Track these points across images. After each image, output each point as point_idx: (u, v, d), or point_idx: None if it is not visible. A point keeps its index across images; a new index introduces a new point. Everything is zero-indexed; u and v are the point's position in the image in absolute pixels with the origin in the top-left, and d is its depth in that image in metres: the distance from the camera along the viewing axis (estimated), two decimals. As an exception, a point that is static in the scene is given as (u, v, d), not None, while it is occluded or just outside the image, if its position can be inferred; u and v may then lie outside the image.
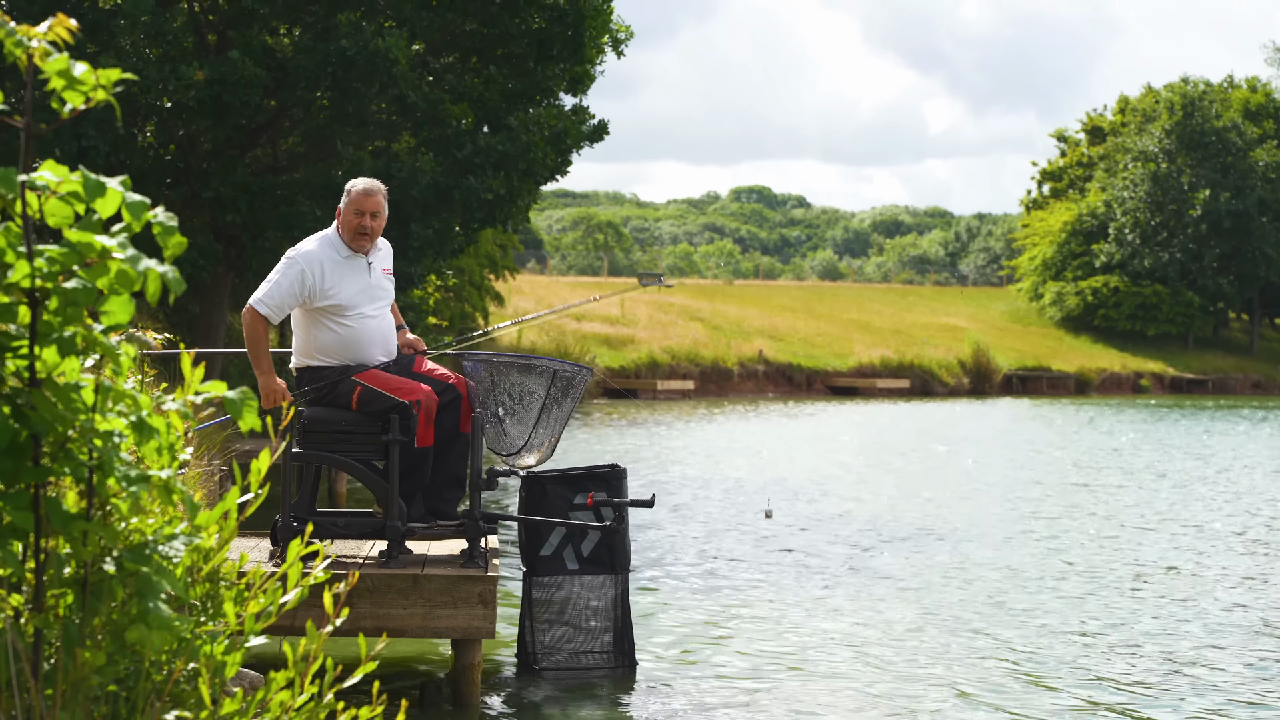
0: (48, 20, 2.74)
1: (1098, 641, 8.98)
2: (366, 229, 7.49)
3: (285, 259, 7.46)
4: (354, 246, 7.50)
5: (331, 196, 19.00)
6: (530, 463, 7.60)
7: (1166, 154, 71.19)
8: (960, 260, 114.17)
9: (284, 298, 7.37)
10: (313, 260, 7.41)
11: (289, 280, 7.37)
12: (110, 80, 2.69)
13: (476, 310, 37.47)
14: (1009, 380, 54.28)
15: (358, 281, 7.50)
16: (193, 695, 3.13)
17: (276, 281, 7.39)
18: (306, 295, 7.38)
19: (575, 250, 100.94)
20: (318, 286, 7.38)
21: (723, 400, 43.25)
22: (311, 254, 7.44)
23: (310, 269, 7.38)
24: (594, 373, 7.75)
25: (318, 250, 7.47)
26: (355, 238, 7.49)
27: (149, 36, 18.11)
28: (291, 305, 7.41)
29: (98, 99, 2.68)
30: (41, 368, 2.74)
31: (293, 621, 6.14)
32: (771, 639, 8.92)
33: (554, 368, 7.57)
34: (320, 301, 7.40)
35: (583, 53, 20.04)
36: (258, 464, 3.33)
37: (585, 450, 22.82)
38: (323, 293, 7.39)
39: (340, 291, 7.42)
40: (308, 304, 7.42)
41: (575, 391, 7.55)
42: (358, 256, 7.53)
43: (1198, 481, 19.71)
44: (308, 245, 7.52)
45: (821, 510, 15.65)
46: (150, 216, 2.71)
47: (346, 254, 7.49)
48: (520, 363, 7.57)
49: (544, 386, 7.47)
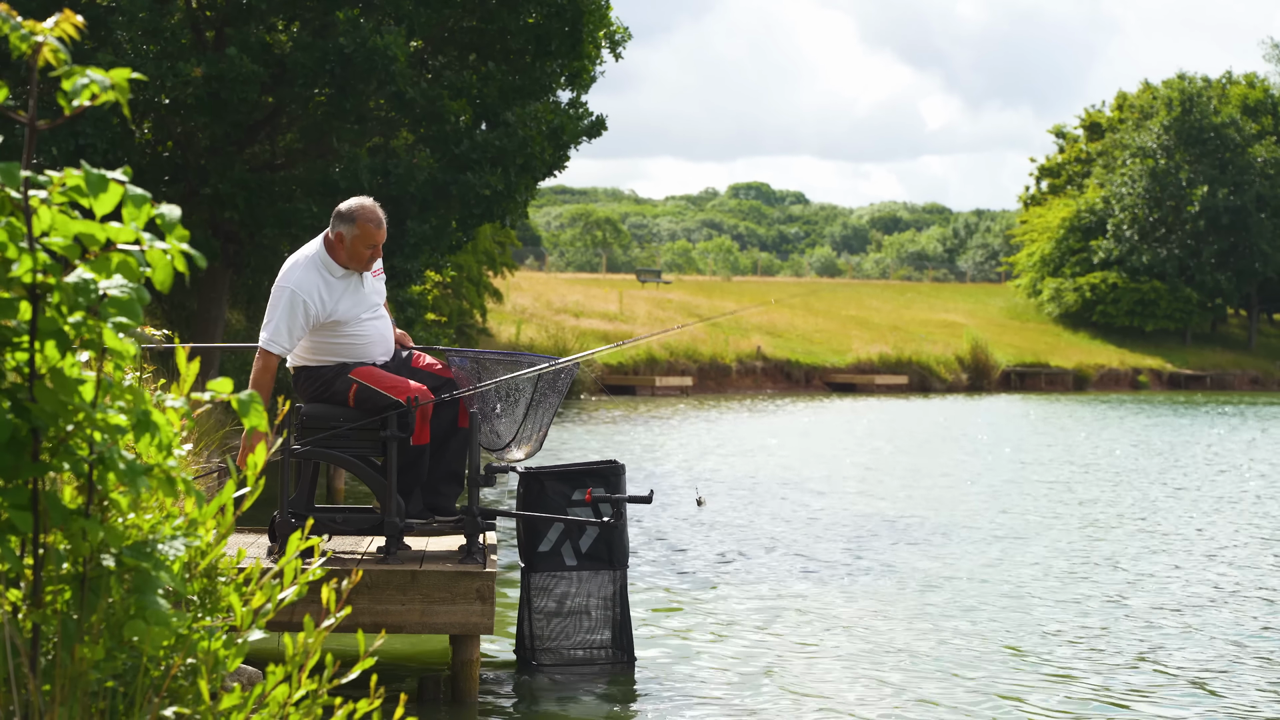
0: (54, 16, 2.74)
1: (1100, 637, 8.99)
2: (375, 256, 7.53)
3: (281, 292, 7.38)
4: (351, 268, 7.49)
5: (329, 193, 19.00)
6: (519, 456, 7.61)
7: (1165, 150, 71.21)
8: (959, 256, 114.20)
9: (292, 333, 7.36)
10: (308, 289, 7.36)
11: (293, 315, 7.34)
12: (123, 80, 2.69)
13: (475, 307, 37.48)
14: (1007, 376, 54.31)
15: (353, 297, 7.50)
16: (191, 691, 3.14)
17: (279, 320, 7.34)
18: (310, 322, 7.38)
19: (574, 247, 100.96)
20: (319, 312, 7.39)
21: (721, 397, 43.25)
22: (304, 282, 7.38)
23: (309, 299, 7.35)
24: (579, 366, 7.77)
25: (308, 277, 7.40)
26: (361, 265, 7.49)
27: (147, 33, 18.11)
28: (300, 336, 7.41)
29: (106, 98, 2.67)
30: (42, 362, 2.74)
31: (291, 617, 6.14)
32: (770, 633, 8.93)
33: (539, 363, 7.59)
34: (322, 322, 7.42)
35: (581, 49, 20.04)
36: (254, 458, 3.33)
37: (583, 446, 22.83)
38: (324, 314, 7.41)
39: (338, 310, 7.43)
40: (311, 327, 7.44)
41: (561, 385, 7.56)
42: (351, 274, 7.52)
43: (1199, 478, 19.73)
44: (297, 273, 7.42)
45: (822, 505, 15.66)
46: (152, 210, 2.71)
47: (341, 274, 7.47)
48: (506, 360, 7.59)
49: (530, 381, 7.48)
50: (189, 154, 19.80)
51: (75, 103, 2.67)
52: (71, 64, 2.69)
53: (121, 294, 2.71)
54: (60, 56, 2.68)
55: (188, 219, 19.77)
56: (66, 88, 2.66)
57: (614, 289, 57.60)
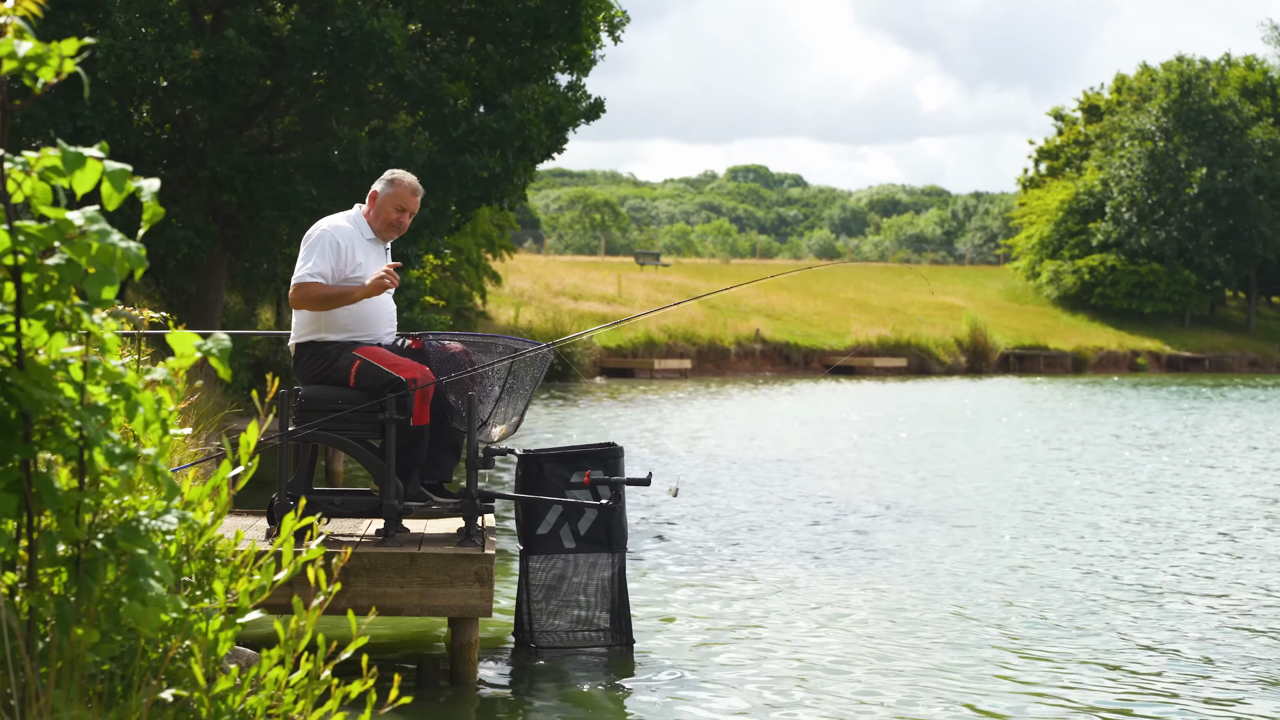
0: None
1: (1102, 630, 9.00)
2: (401, 225, 7.72)
3: (317, 233, 7.54)
4: (381, 235, 7.68)
5: (328, 176, 18.98)
6: (494, 436, 7.66)
7: (1163, 132, 71.13)
8: (957, 239, 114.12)
9: (329, 261, 7.45)
10: (344, 233, 7.54)
11: (326, 248, 7.46)
12: (70, 51, 2.67)
13: (474, 289, 37.48)
14: (1006, 359, 54.30)
15: (376, 264, 7.62)
16: (188, 673, 3.13)
17: (316, 256, 7.45)
18: (341, 263, 7.43)
19: (572, 229, 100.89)
20: (348, 259, 7.48)
21: (720, 379, 43.25)
22: (341, 227, 7.57)
23: (343, 240, 7.50)
24: (554, 351, 7.83)
25: (348, 225, 7.61)
26: (386, 229, 7.68)
27: (144, 15, 18.08)
28: (334, 268, 7.45)
29: (69, 70, 2.66)
30: (28, 344, 2.73)
31: (288, 599, 6.14)
32: (769, 616, 8.93)
33: (515, 346, 7.65)
34: (344, 275, 7.44)
35: (579, 31, 20.01)
36: (246, 437, 3.33)
37: (582, 429, 22.83)
38: (351, 265, 7.48)
39: (364, 269, 7.52)
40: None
41: (536, 370, 7.65)
42: (377, 241, 7.70)
43: (1198, 462, 19.75)
44: (337, 220, 7.64)
45: (821, 488, 15.66)
46: (132, 186, 2.70)
47: (370, 237, 7.66)
48: (481, 341, 7.70)
49: (505, 366, 7.58)
50: (187, 137, 19.78)
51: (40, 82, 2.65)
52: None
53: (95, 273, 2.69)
54: (26, 36, 2.66)
55: (186, 201, 19.75)
56: (9, 68, 2.63)
57: (613, 272, 57.57)
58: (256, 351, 22.54)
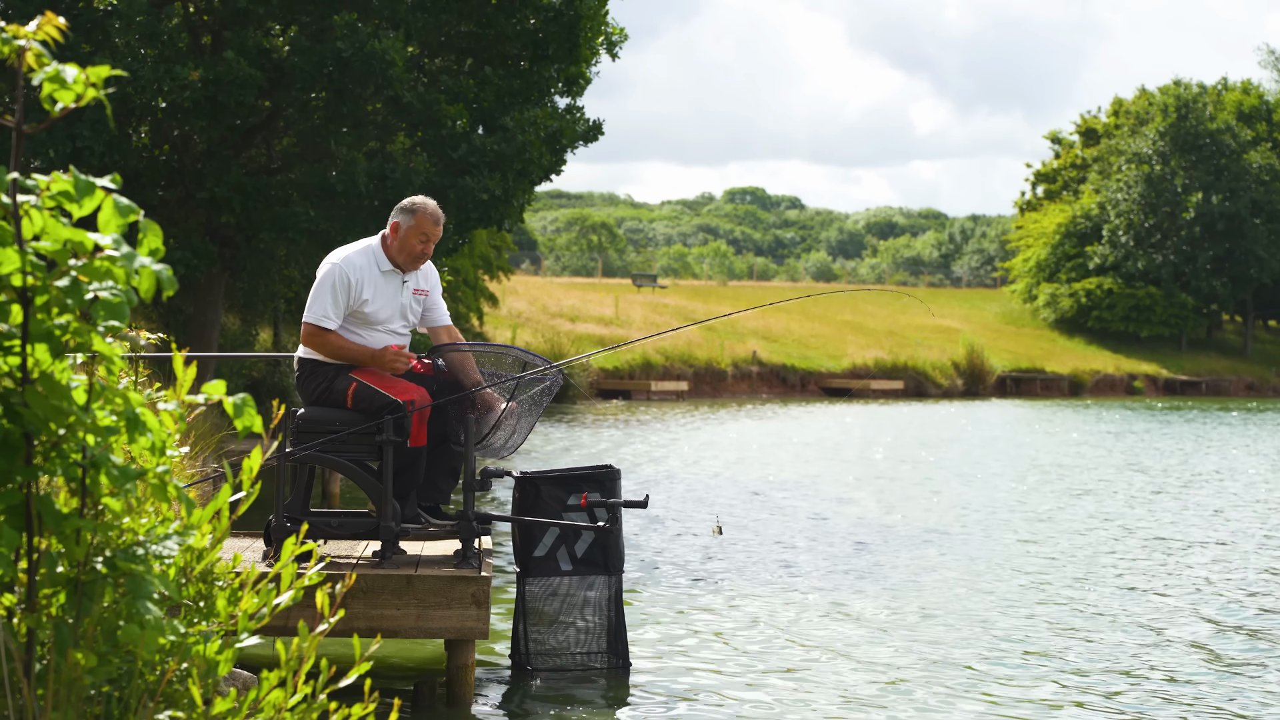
0: (36, 19, 2.74)
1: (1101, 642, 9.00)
2: (426, 255, 7.56)
3: (326, 266, 7.47)
4: (401, 265, 7.53)
5: (326, 197, 18.99)
6: (495, 447, 7.60)
7: (1160, 156, 71.25)
8: (954, 262, 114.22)
9: (337, 302, 7.40)
10: (353, 266, 7.43)
11: (335, 287, 7.39)
12: (100, 78, 2.69)
13: (471, 311, 37.48)
14: (1002, 382, 54.31)
15: (390, 300, 7.53)
16: (186, 695, 3.13)
17: (324, 298, 7.40)
18: (350, 298, 7.39)
19: (569, 251, 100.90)
20: (356, 293, 7.41)
21: (716, 401, 43.25)
22: (352, 260, 7.46)
23: (351, 275, 7.40)
24: (563, 373, 7.79)
25: (359, 258, 7.48)
26: (410, 261, 7.53)
27: (144, 37, 18.10)
28: (344, 312, 7.41)
29: (90, 97, 2.67)
30: (34, 366, 2.74)
31: (286, 622, 6.14)
32: (765, 639, 8.93)
33: (525, 358, 7.60)
34: (353, 307, 7.41)
35: (578, 53, 20.04)
36: (249, 462, 3.33)
37: (579, 451, 22.82)
38: (357, 299, 7.42)
39: (372, 303, 7.45)
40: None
41: (541, 390, 7.57)
42: (396, 273, 7.55)
43: (1198, 484, 19.75)
44: (349, 251, 7.53)
45: (818, 510, 15.65)
46: (135, 216, 2.71)
47: (387, 268, 7.51)
48: (492, 351, 7.62)
49: (509, 385, 7.52)
50: (186, 157, 19.79)
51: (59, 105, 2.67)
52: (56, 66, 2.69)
53: (111, 297, 2.71)
54: (44, 60, 2.68)
55: (184, 222, 19.76)
56: (47, 91, 2.65)
57: (610, 293, 57.60)
58: (254, 373, 22.53)
